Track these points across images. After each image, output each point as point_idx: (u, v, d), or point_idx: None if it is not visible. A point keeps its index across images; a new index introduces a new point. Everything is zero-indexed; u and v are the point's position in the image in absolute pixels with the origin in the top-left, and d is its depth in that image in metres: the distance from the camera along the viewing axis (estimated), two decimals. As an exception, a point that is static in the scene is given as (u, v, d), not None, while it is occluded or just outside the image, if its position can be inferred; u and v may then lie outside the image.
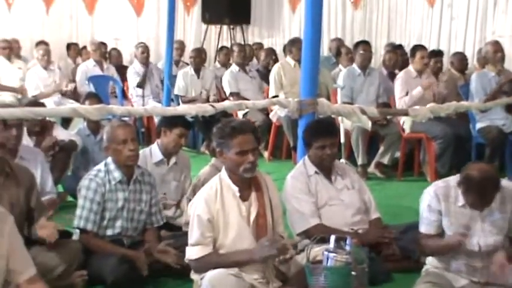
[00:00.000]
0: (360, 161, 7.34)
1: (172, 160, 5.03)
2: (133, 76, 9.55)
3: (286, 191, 4.28)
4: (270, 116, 8.21)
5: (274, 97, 7.82)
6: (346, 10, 11.06)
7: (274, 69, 8.32)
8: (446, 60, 8.64)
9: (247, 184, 3.62)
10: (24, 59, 10.92)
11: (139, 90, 9.48)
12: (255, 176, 3.63)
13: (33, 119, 4.72)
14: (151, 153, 4.99)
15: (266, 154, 8.29)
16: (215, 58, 11.05)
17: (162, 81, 9.41)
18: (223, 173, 3.64)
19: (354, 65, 7.94)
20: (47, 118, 5.82)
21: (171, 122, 4.91)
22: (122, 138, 4.11)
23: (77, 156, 6.13)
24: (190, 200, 4.04)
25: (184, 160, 5.17)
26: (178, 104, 8.77)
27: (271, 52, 10.00)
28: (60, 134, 6.02)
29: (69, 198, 6.05)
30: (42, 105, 5.80)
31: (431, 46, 9.40)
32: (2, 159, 3.76)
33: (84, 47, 11.12)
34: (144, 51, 9.71)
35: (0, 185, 3.71)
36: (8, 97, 9.36)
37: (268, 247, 3.43)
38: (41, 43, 10.57)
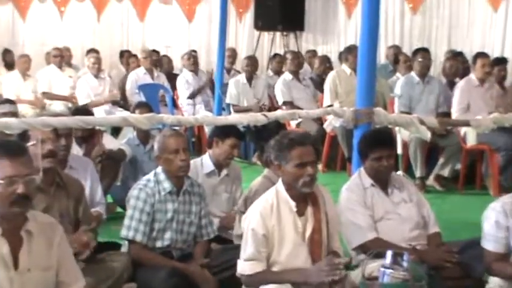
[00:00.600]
0: (418, 173, 7.25)
1: (224, 171, 5.05)
2: (183, 86, 9.65)
3: (341, 204, 4.24)
4: (324, 126, 8.18)
5: (328, 106, 7.79)
6: (405, 15, 10.97)
7: (330, 77, 8.30)
8: (511, 68, 8.47)
9: (304, 198, 3.60)
10: (75, 67, 11.17)
11: (190, 99, 9.58)
12: (311, 189, 3.61)
13: (83, 128, 4.80)
14: (203, 163, 5.02)
15: (320, 165, 8.26)
16: (267, 66, 11.08)
17: (212, 90, 9.48)
18: (280, 186, 3.61)
19: (412, 73, 7.86)
20: (97, 127, 5.92)
21: (224, 132, 4.93)
22: (174, 147, 4.13)
23: (126, 166, 6.21)
24: (242, 212, 4.04)
25: (235, 171, 5.18)
26: (230, 113, 8.83)
27: (326, 60, 9.99)
28: (110, 143, 6.10)
29: (118, 209, 6.14)
30: (90, 113, 5.90)
31: (494, 53, 9.24)
32: (52, 170, 3.84)
33: (134, 55, 11.29)
34: (191, 58, 9.83)
35: (50, 195, 3.79)
36: (58, 106, 9.59)
37: (327, 272, 3.38)
38: (92, 51, 10.77)
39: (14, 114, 6.10)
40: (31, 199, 2.74)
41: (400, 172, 6.52)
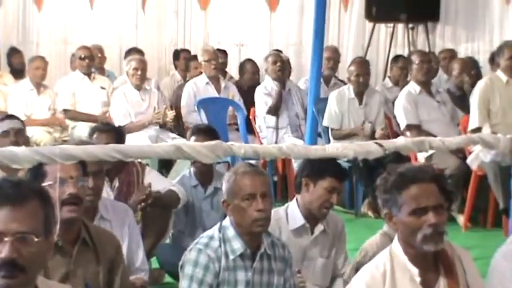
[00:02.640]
0: None
1: (319, 227, 5.03)
2: (263, 99, 9.66)
3: (493, 279, 4.16)
4: (468, 161, 8.06)
5: (475, 131, 7.68)
6: None
7: (478, 88, 8.22)
8: None
9: (432, 263, 3.55)
10: (109, 74, 11.32)
11: (272, 120, 9.59)
12: (443, 250, 3.56)
13: (120, 160, 4.86)
14: (288, 215, 5.01)
15: (461, 219, 8.12)
16: (384, 73, 11.03)
17: (304, 108, 9.47)
18: (396, 246, 3.59)
19: None
20: (137, 160, 5.98)
21: (317, 170, 4.92)
22: (249, 191, 4.17)
23: (179, 216, 6.27)
24: (347, 283, 4.02)
25: (336, 226, 5.17)
26: (329, 141, 8.80)
27: (471, 64, 9.87)
28: (156, 182, 6.10)
29: (167, 278, 6.17)
30: (121, 138, 5.99)
31: None
32: (76, 222, 3.88)
33: (193, 57, 11.37)
34: (277, 61, 9.79)
35: (72, 257, 3.84)
36: (86, 129, 9.70)
37: None
38: (134, 51, 10.90)
39: (19, 132, 6.23)
40: (24, 268, 2.73)
41: None
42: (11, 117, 6.71)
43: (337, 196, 5.02)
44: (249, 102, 9.92)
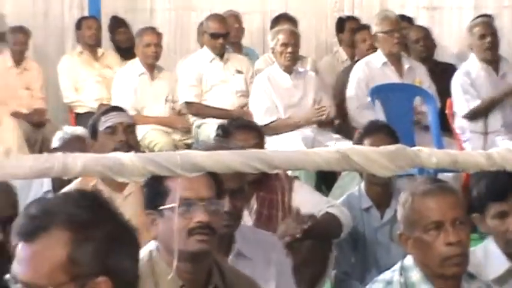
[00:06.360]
0: None
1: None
2: (462, 89, 9.53)
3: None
4: None
5: None
6: None
7: None
8: None
9: None
10: (248, 52, 11.39)
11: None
12: None
13: (262, 173, 4.89)
14: (487, 258, 4.91)
15: None
16: None
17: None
18: None
19: None
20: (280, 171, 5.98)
21: (475, 197, 4.89)
22: (433, 218, 4.18)
23: (344, 251, 6.31)
24: None
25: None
26: None
27: None
28: (309, 202, 6.13)
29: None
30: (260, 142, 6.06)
31: None
32: (205, 255, 3.88)
33: (362, 27, 11.37)
34: (487, 34, 9.56)
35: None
36: (214, 128, 9.74)
37: None
38: (282, 19, 10.93)
39: (129, 129, 6.25)
40: None
41: None
42: (117, 109, 6.72)
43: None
44: (445, 91, 9.83)
